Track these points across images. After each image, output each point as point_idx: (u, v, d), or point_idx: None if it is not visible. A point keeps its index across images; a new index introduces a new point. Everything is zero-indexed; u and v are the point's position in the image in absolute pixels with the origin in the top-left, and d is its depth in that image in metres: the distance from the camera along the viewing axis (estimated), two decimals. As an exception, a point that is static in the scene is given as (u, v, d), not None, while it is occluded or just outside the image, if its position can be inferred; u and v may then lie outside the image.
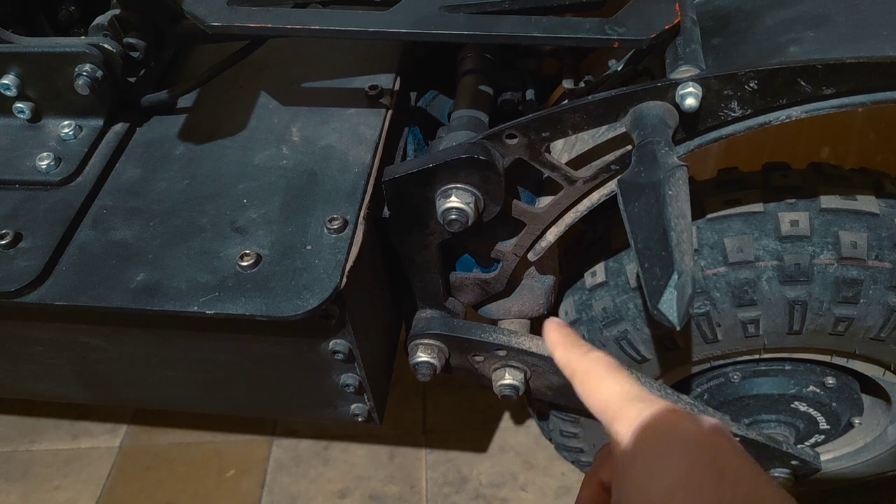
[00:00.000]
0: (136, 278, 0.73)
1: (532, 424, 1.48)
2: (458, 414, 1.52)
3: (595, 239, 1.01)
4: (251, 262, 0.72)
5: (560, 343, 0.56)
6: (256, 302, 0.70)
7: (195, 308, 0.70)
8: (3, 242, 0.75)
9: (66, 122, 0.84)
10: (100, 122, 0.85)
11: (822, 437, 1.08)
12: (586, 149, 0.83)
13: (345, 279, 0.71)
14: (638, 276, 0.93)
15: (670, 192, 0.61)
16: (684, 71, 0.68)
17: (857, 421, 1.08)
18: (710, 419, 0.49)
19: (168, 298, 0.71)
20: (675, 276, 0.57)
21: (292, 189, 0.79)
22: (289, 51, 0.94)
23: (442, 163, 0.74)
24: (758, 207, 0.89)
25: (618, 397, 0.50)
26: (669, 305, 0.57)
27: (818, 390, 1.02)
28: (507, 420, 1.50)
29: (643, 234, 0.61)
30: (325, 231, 0.74)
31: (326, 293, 0.70)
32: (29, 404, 1.61)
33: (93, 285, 0.73)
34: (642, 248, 0.61)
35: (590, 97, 0.70)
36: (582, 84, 0.86)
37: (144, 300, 0.71)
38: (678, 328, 0.57)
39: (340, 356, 0.78)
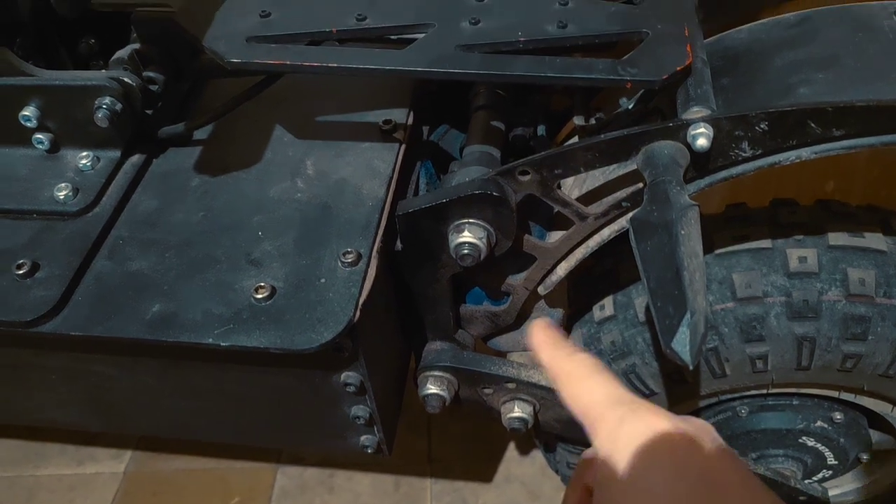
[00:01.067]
0: (152, 309, 0.74)
1: (538, 455, 1.48)
2: (463, 443, 1.52)
3: (604, 272, 1.02)
4: (266, 294, 0.73)
5: (545, 344, 0.55)
6: (271, 335, 0.70)
7: (210, 340, 0.71)
8: (21, 272, 0.76)
9: (85, 153, 0.85)
10: (117, 154, 0.86)
11: (830, 472, 1.08)
12: (597, 185, 0.84)
13: (358, 312, 0.72)
14: (647, 310, 0.93)
15: (683, 232, 0.62)
16: (696, 112, 0.69)
17: (864, 457, 1.08)
18: (697, 420, 0.48)
19: (183, 330, 0.72)
20: (689, 316, 0.58)
21: (307, 222, 0.80)
22: (303, 84, 0.96)
23: (455, 198, 0.75)
24: (766, 243, 0.90)
25: (600, 399, 0.49)
26: (682, 344, 0.58)
27: (826, 425, 1.02)
28: (512, 450, 1.50)
29: (656, 273, 0.62)
30: (339, 264, 0.75)
31: (340, 326, 0.70)
32: (34, 429, 1.60)
33: (108, 316, 0.73)
34: (655, 286, 0.62)
35: (602, 136, 0.71)
36: (593, 121, 0.88)
37: (160, 331, 0.72)
38: (691, 367, 0.58)
39: (352, 388, 0.79)
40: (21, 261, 0.76)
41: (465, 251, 0.76)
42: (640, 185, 0.76)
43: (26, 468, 1.54)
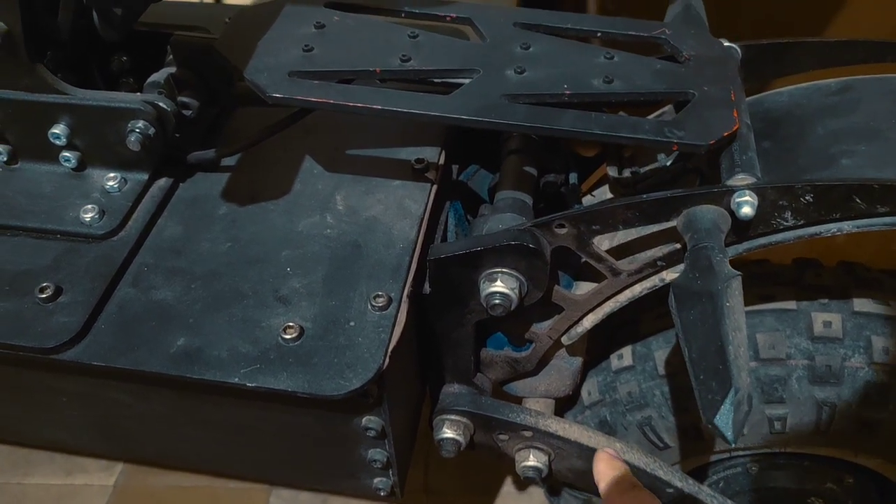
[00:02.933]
0: (177, 343, 0.72)
1: (535, 491, 1.47)
2: (461, 476, 1.50)
3: (624, 321, 1.01)
4: (294, 335, 0.72)
5: (606, 476, 0.56)
6: (299, 378, 0.69)
7: (236, 380, 0.69)
8: (43, 296, 0.74)
9: (112, 175, 0.83)
10: (145, 176, 0.84)
11: (835, 533, 1.08)
12: (629, 239, 0.83)
13: (387, 360, 0.71)
14: (667, 363, 0.93)
15: (728, 304, 0.62)
16: (741, 179, 0.69)
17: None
18: None
19: (209, 367, 0.70)
20: (733, 393, 0.57)
21: (336, 260, 0.79)
22: (334, 115, 0.94)
23: (490, 247, 0.74)
24: (791, 305, 0.89)
25: None
26: (725, 421, 0.57)
27: (836, 487, 1.02)
28: (509, 485, 1.49)
29: (698, 344, 0.61)
30: (370, 307, 0.74)
31: (370, 374, 0.69)
32: (24, 435, 1.58)
33: (132, 347, 0.72)
34: (697, 358, 0.61)
35: (644, 196, 0.71)
36: (627, 173, 0.87)
37: (184, 367, 0.70)
38: (733, 445, 0.57)
39: (373, 433, 0.77)
40: (45, 284, 0.75)
41: (497, 301, 0.75)
42: (677, 244, 0.75)
43: (13, 476, 1.51)
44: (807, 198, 0.68)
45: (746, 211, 0.68)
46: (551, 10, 0.91)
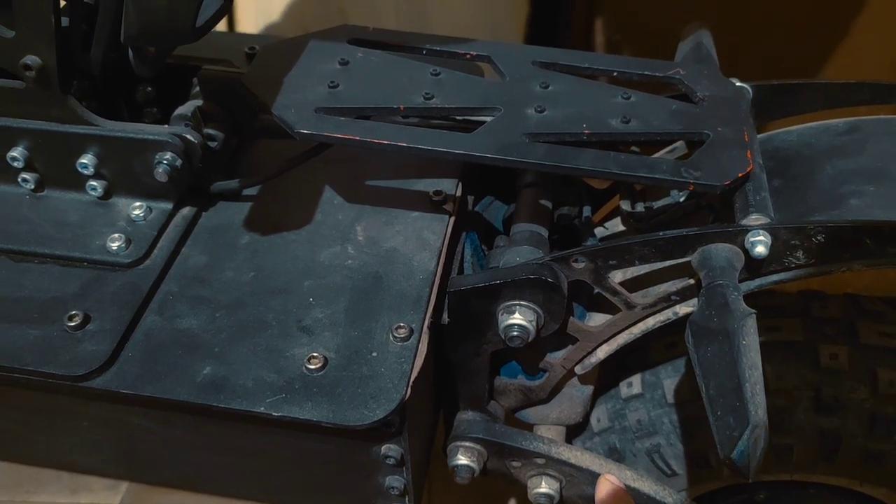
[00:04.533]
0: (203, 371, 0.74)
1: (538, 513, 1.48)
2: (464, 498, 1.51)
3: (634, 349, 1.03)
4: (319, 365, 0.73)
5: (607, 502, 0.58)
6: (323, 408, 0.71)
7: (262, 409, 0.71)
8: (72, 324, 0.75)
9: (138, 204, 0.85)
10: (170, 206, 0.86)
11: (840, 561, 1.09)
12: (642, 272, 0.85)
13: (409, 390, 0.72)
14: (676, 392, 0.95)
15: (744, 342, 0.64)
16: (755, 219, 0.71)
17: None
18: None
19: (235, 396, 0.72)
20: (750, 429, 0.59)
21: (357, 291, 0.80)
22: (352, 149, 0.96)
23: (509, 280, 0.76)
24: (798, 336, 0.92)
25: None
26: (742, 457, 0.59)
27: (840, 515, 1.03)
28: (513, 506, 1.50)
29: (716, 381, 0.63)
30: (391, 338, 0.76)
31: (393, 405, 0.71)
32: (30, 453, 1.58)
33: (159, 376, 0.73)
34: (714, 394, 0.63)
35: (661, 233, 0.73)
36: (640, 207, 0.89)
37: (211, 396, 0.72)
38: (749, 480, 0.59)
39: (392, 461, 0.79)
40: (73, 312, 0.76)
41: (515, 333, 0.77)
42: (690, 280, 0.78)
43: (19, 493, 1.52)
44: (818, 238, 0.71)
45: (760, 250, 0.70)
46: (559, 39, 0.93)
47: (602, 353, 0.86)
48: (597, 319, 0.88)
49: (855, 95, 0.91)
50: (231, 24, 1.95)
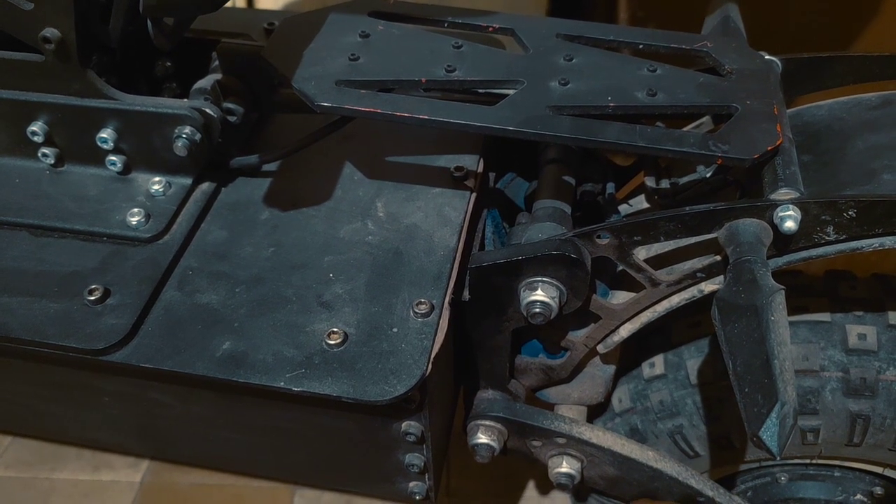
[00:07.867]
0: (222, 346, 0.73)
1: (556, 494, 1.47)
2: (482, 478, 1.51)
3: (656, 328, 1.02)
4: (339, 340, 0.73)
5: None
6: (343, 383, 0.70)
7: (282, 384, 0.70)
8: (93, 298, 0.75)
9: (157, 179, 0.85)
10: (189, 181, 0.86)
11: (862, 544, 1.08)
12: (667, 249, 0.84)
13: (430, 366, 0.72)
14: (699, 373, 0.93)
15: (772, 318, 0.62)
16: (784, 193, 0.70)
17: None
18: None
19: (254, 371, 0.71)
20: (779, 407, 0.58)
21: (378, 267, 0.80)
22: (372, 123, 0.95)
23: (532, 256, 0.75)
24: (825, 317, 0.90)
25: None
26: (771, 435, 0.58)
27: (865, 499, 1.02)
28: (531, 488, 1.49)
29: (743, 358, 0.62)
30: (412, 314, 0.75)
31: (413, 380, 0.70)
32: (52, 431, 1.59)
33: (179, 350, 0.73)
34: (742, 371, 0.62)
35: (687, 208, 0.71)
36: (665, 183, 0.88)
37: (231, 371, 0.71)
38: (778, 458, 0.58)
39: (412, 438, 0.78)
40: (94, 286, 0.76)
41: (537, 309, 0.76)
42: (717, 256, 0.76)
43: (42, 470, 1.53)
44: (850, 213, 0.69)
45: (790, 225, 0.68)
46: (581, 15, 0.91)
47: (625, 331, 0.85)
48: (620, 297, 0.86)
49: (888, 69, 0.88)
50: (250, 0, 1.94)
